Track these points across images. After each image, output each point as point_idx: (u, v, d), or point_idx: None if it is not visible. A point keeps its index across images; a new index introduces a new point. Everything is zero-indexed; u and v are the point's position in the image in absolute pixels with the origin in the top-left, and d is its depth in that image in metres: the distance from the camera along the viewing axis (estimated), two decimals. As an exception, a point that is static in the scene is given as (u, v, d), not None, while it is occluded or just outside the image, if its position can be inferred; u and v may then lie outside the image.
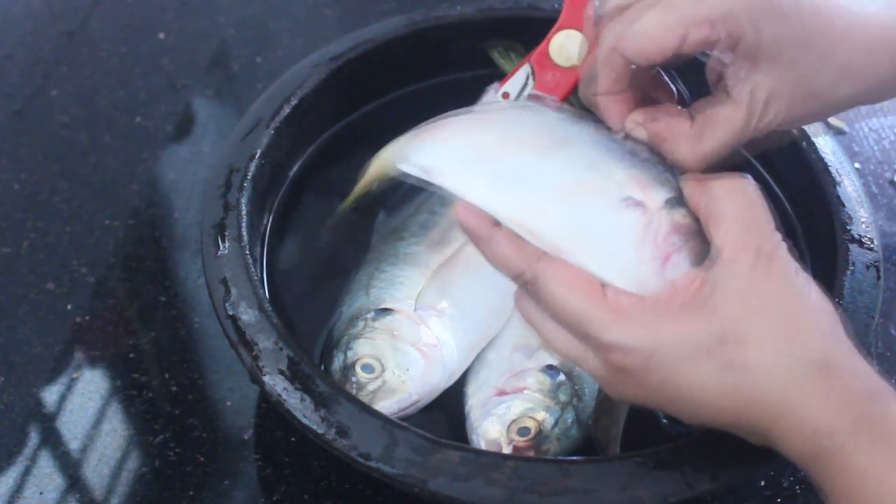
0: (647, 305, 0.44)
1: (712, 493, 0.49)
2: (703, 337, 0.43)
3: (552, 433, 0.57)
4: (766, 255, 0.43)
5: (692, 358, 0.43)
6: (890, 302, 0.71)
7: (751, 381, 0.42)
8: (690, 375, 0.43)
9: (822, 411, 0.41)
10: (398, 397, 0.58)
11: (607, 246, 0.46)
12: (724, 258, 0.43)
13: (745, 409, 0.43)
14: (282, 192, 0.70)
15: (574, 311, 0.45)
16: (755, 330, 0.42)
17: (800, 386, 0.42)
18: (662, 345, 0.43)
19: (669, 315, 0.43)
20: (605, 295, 0.45)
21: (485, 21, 0.74)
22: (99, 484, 0.61)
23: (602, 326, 0.44)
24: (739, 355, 0.42)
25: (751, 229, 0.44)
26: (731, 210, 0.44)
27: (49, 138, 0.82)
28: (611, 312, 0.44)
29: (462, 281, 0.64)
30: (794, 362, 0.42)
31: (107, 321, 0.69)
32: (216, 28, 0.93)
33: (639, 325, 0.44)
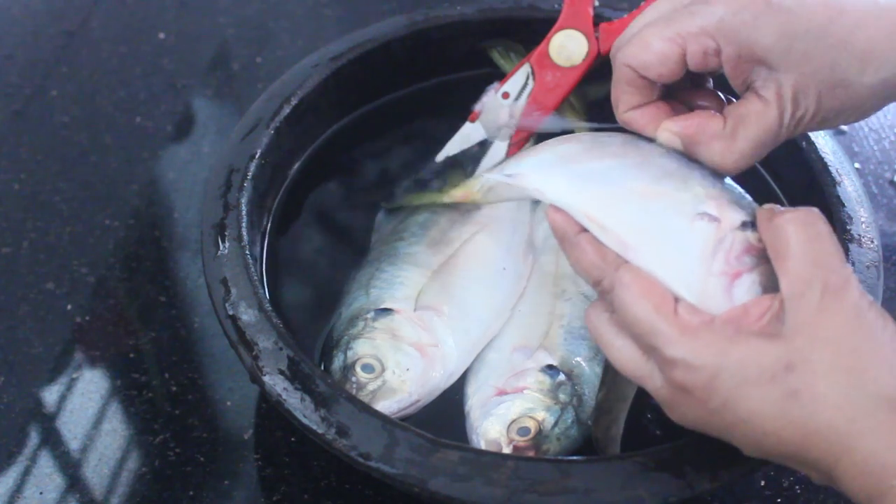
0: (716, 326, 0.44)
1: (712, 493, 0.49)
2: (769, 362, 0.42)
3: (552, 433, 0.57)
4: (835, 290, 0.42)
5: (757, 382, 0.42)
6: (890, 302, 0.71)
7: (816, 412, 0.41)
8: (754, 400, 0.42)
9: (890, 448, 0.40)
10: (398, 397, 0.58)
11: (677, 253, 0.46)
12: (793, 293, 0.43)
13: (808, 442, 0.42)
14: (282, 192, 0.70)
15: (644, 321, 0.45)
16: (824, 361, 0.41)
17: (868, 421, 0.41)
18: (727, 365, 0.43)
19: (737, 338, 0.43)
20: (676, 310, 0.45)
21: (485, 21, 0.74)
22: (99, 484, 0.61)
23: (668, 340, 0.44)
24: (806, 385, 0.41)
25: (817, 264, 0.43)
26: (796, 244, 0.44)
27: (49, 138, 0.82)
28: (679, 328, 0.44)
29: (462, 281, 0.64)
30: (863, 396, 0.41)
31: (107, 321, 0.69)
32: (216, 28, 0.93)
33: (705, 343, 0.43)
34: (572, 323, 0.61)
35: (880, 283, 0.58)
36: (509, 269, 0.65)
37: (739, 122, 0.48)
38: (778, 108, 0.47)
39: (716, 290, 0.45)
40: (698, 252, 0.46)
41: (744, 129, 0.48)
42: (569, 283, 0.64)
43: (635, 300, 0.45)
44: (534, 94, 0.65)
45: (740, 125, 0.48)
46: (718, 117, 0.49)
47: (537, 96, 0.65)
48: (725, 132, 0.49)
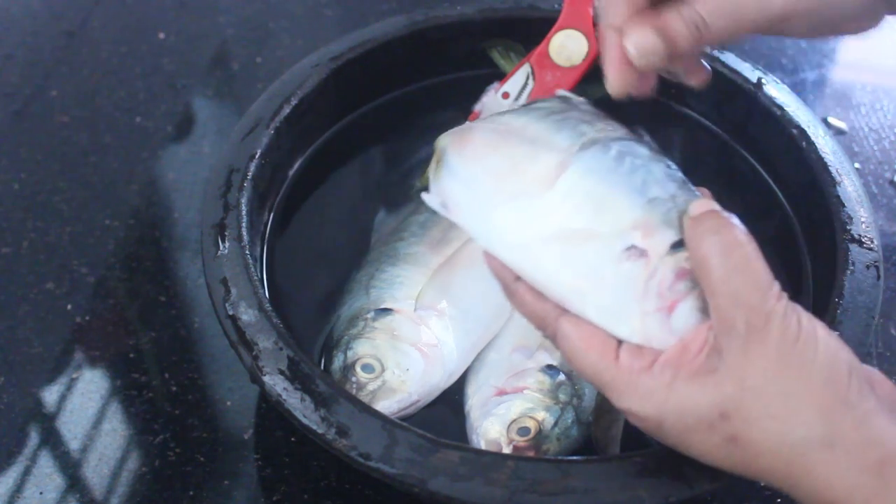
0: (655, 371, 0.44)
1: (712, 493, 0.49)
2: (705, 411, 0.43)
3: (552, 433, 0.57)
4: (757, 329, 0.42)
5: (697, 430, 0.43)
6: (890, 302, 0.71)
7: (756, 457, 0.43)
8: (697, 445, 0.44)
9: (829, 487, 0.41)
10: (398, 397, 0.58)
11: (612, 299, 0.46)
12: (721, 329, 0.43)
13: (758, 476, 0.44)
14: (282, 192, 0.70)
15: (589, 371, 0.46)
16: (754, 409, 0.42)
17: (804, 463, 0.41)
18: (668, 415, 0.44)
19: (676, 385, 0.44)
20: (617, 357, 0.45)
21: (485, 21, 0.74)
22: (99, 484, 0.61)
23: (613, 392, 0.45)
24: (741, 432, 0.42)
25: (738, 300, 0.42)
26: (717, 279, 0.43)
27: (49, 138, 0.82)
28: (621, 378, 0.45)
29: (462, 281, 0.64)
30: (796, 441, 0.41)
31: (107, 321, 0.69)
32: (216, 28, 0.93)
33: (647, 394, 0.44)
34: (572, 323, 0.61)
35: (880, 283, 0.58)
36: (509, 269, 0.65)
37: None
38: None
39: (655, 327, 0.45)
40: (632, 295, 0.46)
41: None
42: (569, 283, 0.64)
43: (577, 352, 0.46)
44: (534, 94, 0.65)
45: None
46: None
47: (537, 96, 0.65)
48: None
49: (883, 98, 0.89)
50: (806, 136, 0.66)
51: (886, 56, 0.95)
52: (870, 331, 0.56)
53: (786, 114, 0.68)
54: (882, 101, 0.88)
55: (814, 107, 0.87)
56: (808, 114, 0.68)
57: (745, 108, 0.70)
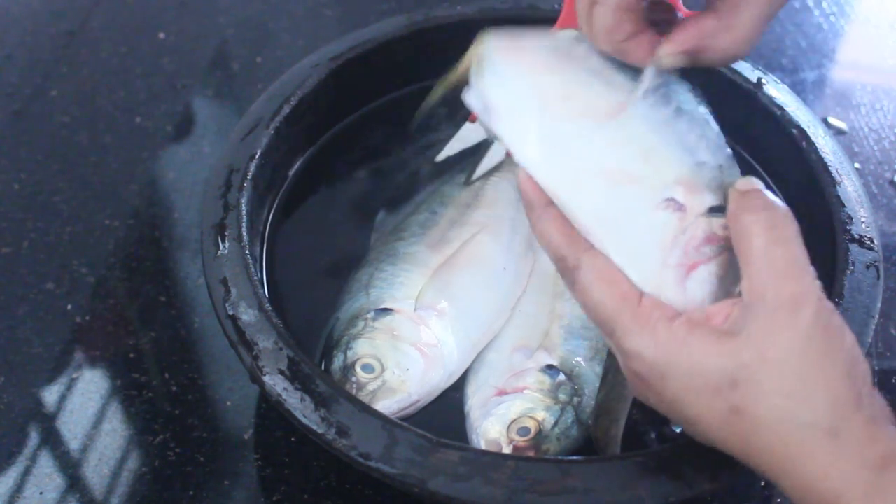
0: (675, 325, 0.44)
1: (712, 493, 0.49)
2: (716, 375, 0.42)
3: (552, 433, 0.57)
4: (791, 305, 0.41)
5: (702, 392, 0.43)
6: (890, 302, 0.71)
7: (756, 432, 0.42)
8: (698, 407, 0.43)
9: (826, 477, 0.40)
10: (398, 397, 0.58)
11: (638, 243, 0.46)
12: (750, 297, 0.42)
13: (750, 456, 0.43)
14: (282, 192, 0.70)
15: (605, 308, 0.45)
16: (767, 383, 0.41)
17: (804, 448, 0.41)
18: (677, 368, 0.43)
19: (692, 340, 0.43)
20: (640, 302, 0.45)
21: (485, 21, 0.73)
22: (99, 484, 0.61)
23: (626, 332, 0.44)
24: (748, 404, 0.42)
25: (777, 274, 0.42)
26: (756, 247, 0.43)
27: (49, 138, 0.82)
28: (638, 320, 0.44)
29: (462, 281, 0.64)
30: (801, 424, 0.41)
31: (107, 321, 0.69)
32: (216, 28, 0.93)
33: (660, 341, 0.43)
34: (572, 323, 0.62)
35: (880, 283, 0.58)
36: (509, 269, 0.65)
37: (734, 9, 0.46)
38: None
39: (670, 281, 0.45)
40: (658, 242, 0.46)
41: (741, 14, 0.46)
42: (569, 283, 0.64)
43: (600, 286, 0.45)
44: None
45: (735, 11, 0.46)
46: (707, 15, 0.47)
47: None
48: (722, 25, 0.46)
49: (883, 98, 0.89)
50: (806, 136, 0.66)
51: (886, 56, 0.95)
52: (870, 331, 0.56)
53: (786, 114, 0.68)
54: (882, 101, 0.88)
55: (814, 107, 0.87)
56: (808, 114, 0.68)
57: (745, 108, 0.70)
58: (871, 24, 0.98)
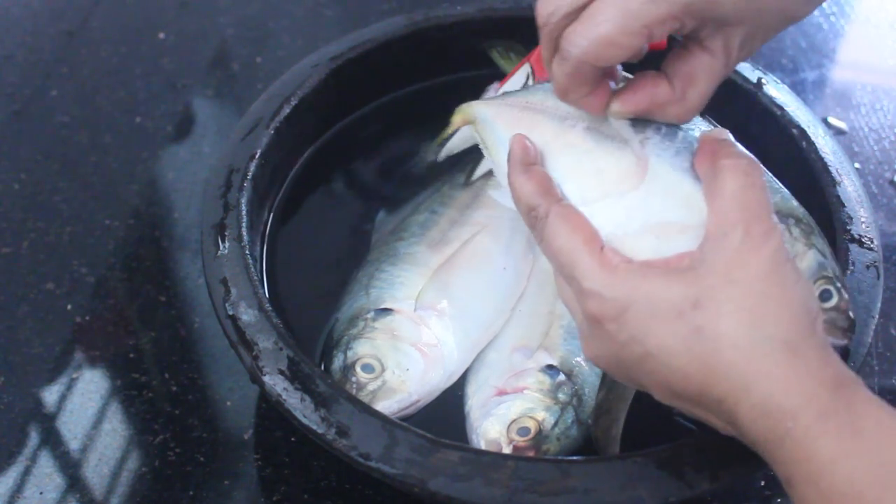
0: (634, 266, 0.45)
1: (712, 493, 0.49)
2: (677, 298, 0.43)
3: (552, 433, 0.57)
4: (757, 236, 0.43)
5: (663, 317, 0.43)
6: (890, 302, 0.71)
7: (718, 350, 0.42)
8: (660, 334, 0.43)
9: (787, 392, 0.41)
10: (398, 397, 0.58)
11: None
12: (716, 233, 0.44)
13: (711, 380, 0.43)
14: (282, 192, 0.70)
15: (567, 251, 0.46)
16: (730, 301, 0.42)
17: (767, 363, 0.42)
18: (638, 299, 0.44)
19: (652, 274, 0.44)
20: (601, 248, 0.46)
21: (485, 21, 0.74)
22: (99, 484, 0.61)
23: (586, 273, 0.45)
24: (710, 322, 0.42)
25: (744, 209, 0.44)
26: (730, 188, 0.45)
27: (49, 138, 0.82)
28: (599, 263, 0.45)
29: (462, 281, 0.64)
30: (763, 338, 0.42)
31: (107, 321, 0.69)
32: (216, 28, 0.93)
33: (620, 279, 0.45)
34: (572, 323, 0.61)
35: (880, 283, 0.58)
36: (509, 269, 0.65)
37: (689, 82, 0.48)
38: (725, 59, 0.47)
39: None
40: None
41: (694, 88, 0.48)
42: (569, 283, 0.64)
43: (564, 232, 0.47)
44: (534, 94, 0.65)
45: (690, 84, 0.48)
46: (663, 81, 0.49)
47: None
48: (676, 95, 0.48)
49: (883, 98, 0.89)
50: (806, 136, 0.66)
51: (886, 56, 0.95)
52: (870, 331, 0.56)
53: (786, 114, 0.68)
54: (882, 101, 0.88)
55: (814, 107, 0.87)
56: (808, 114, 0.68)
57: (745, 108, 0.70)
58: (871, 24, 0.98)
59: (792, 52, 0.93)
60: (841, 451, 0.40)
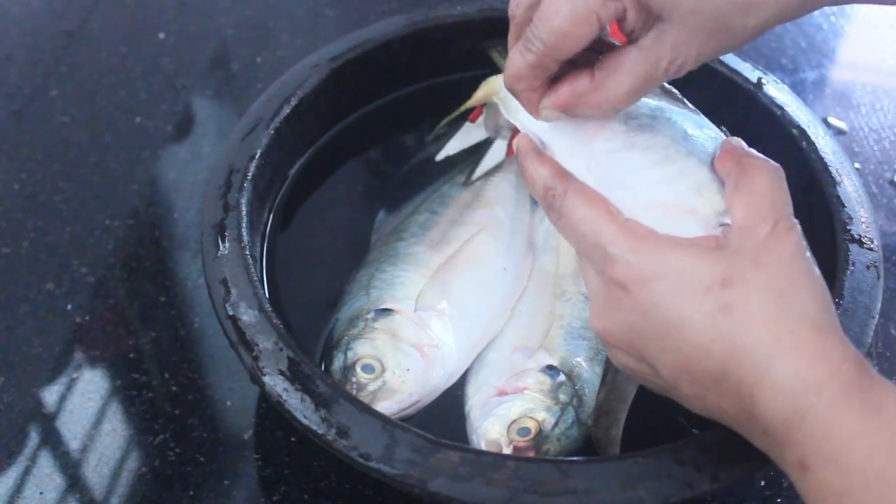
0: (662, 237, 0.46)
1: (712, 493, 0.49)
2: (707, 273, 0.44)
3: (552, 433, 0.57)
4: (784, 228, 0.45)
5: (692, 290, 0.44)
6: (890, 302, 0.71)
7: (745, 328, 0.43)
8: (686, 308, 0.44)
9: (813, 366, 0.41)
10: (398, 397, 0.58)
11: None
12: (744, 224, 0.45)
13: (734, 359, 0.43)
14: (282, 193, 0.70)
15: (589, 223, 0.47)
16: (759, 282, 0.43)
17: (792, 339, 0.42)
18: (666, 269, 0.44)
19: (681, 248, 0.45)
20: (625, 220, 0.47)
21: (485, 21, 0.74)
22: (99, 484, 0.61)
23: (612, 237, 0.46)
24: (739, 301, 0.43)
25: (774, 206, 0.46)
26: (760, 186, 0.46)
27: (49, 138, 0.82)
28: (624, 231, 0.46)
29: (462, 281, 0.64)
30: (791, 317, 0.43)
31: (107, 321, 0.69)
32: (216, 28, 0.93)
33: (649, 246, 0.45)
34: (572, 323, 0.62)
35: (880, 283, 0.58)
36: (509, 270, 0.65)
37: (610, 72, 0.48)
38: (654, 57, 0.47)
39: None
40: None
41: (614, 78, 0.48)
42: (569, 284, 0.64)
43: (585, 204, 0.48)
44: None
45: (611, 75, 0.48)
46: (584, 73, 0.49)
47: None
48: (594, 85, 0.49)
49: (883, 98, 0.89)
50: (806, 136, 0.66)
51: (886, 56, 0.95)
52: (870, 331, 0.56)
53: (786, 114, 0.68)
54: (882, 101, 0.88)
55: (814, 107, 0.87)
56: (808, 114, 0.68)
57: (745, 108, 0.70)
58: (871, 24, 0.98)
59: (792, 52, 0.93)
60: (862, 427, 0.40)
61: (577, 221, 0.48)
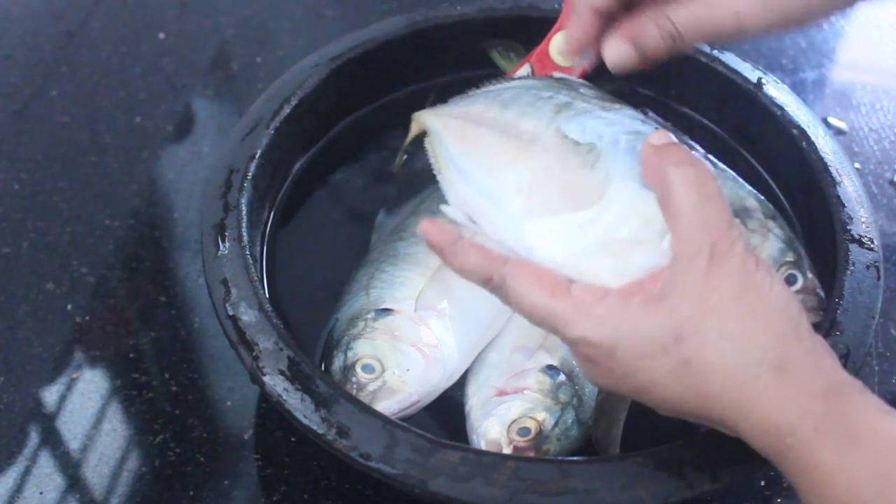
0: (610, 301, 0.45)
1: (712, 493, 0.49)
2: (660, 334, 0.43)
3: (552, 433, 0.57)
4: (722, 253, 0.43)
5: (650, 355, 0.43)
6: (890, 302, 0.71)
7: (708, 380, 0.43)
8: (649, 371, 0.44)
9: (781, 411, 0.42)
10: (398, 397, 0.58)
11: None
12: (681, 256, 0.44)
13: (708, 405, 0.43)
14: (282, 193, 0.70)
15: (541, 308, 0.46)
16: (711, 330, 0.43)
17: (756, 386, 0.42)
18: (622, 340, 0.44)
19: (630, 311, 0.44)
20: (570, 291, 0.46)
21: (485, 21, 0.74)
22: (99, 484, 0.61)
23: (567, 323, 0.45)
24: (696, 354, 0.43)
25: (706, 226, 0.43)
26: (686, 206, 0.44)
27: (49, 138, 0.82)
28: (575, 308, 0.45)
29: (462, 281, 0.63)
30: (749, 362, 0.42)
31: (107, 321, 0.69)
32: (216, 28, 0.93)
33: (601, 320, 0.44)
34: (572, 323, 0.61)
35: (880, 283, 0.58)
36: (509, 270, 0.65)
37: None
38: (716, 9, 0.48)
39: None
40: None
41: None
42: (569, 284, 0.64)
43: (529, 289, 0.46)
44: (534, 95, 0.65)
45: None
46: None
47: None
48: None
49: (883, 98, 0.89)
50: (806, 136, 0.66)
51: (886, 56, 0.95)
52: (870, 331, 0.56)
53: (786, 114, 0.68)
54: (882, 101, 0.88)
55: (814, 107, 0.87)
56: (808, 114, 0.68)
57: (745, 108, 0.70)
58: (871, 24, 0.98)
59: (792, 52, 0.93)
60: (841, 461, 0.40)
61: (529, 310, 0.47)
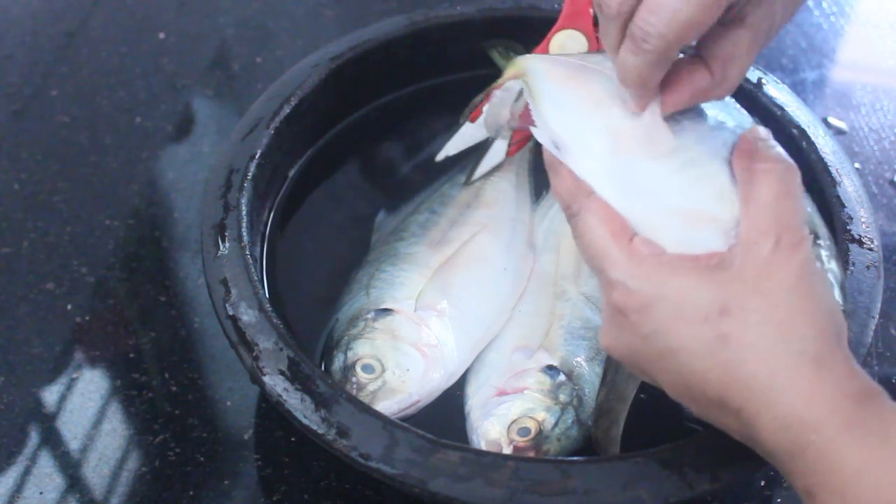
0: (663, 259, 0.45)
1: (712, 493, 0.49)
2: (705, 301, 0.43)
3: (552, 433, 0.57)
4: (787, 246, 0.43)
5: (689, 318, 0.43)
6: (890, 302, 0.71)
7: (743, 360, 0.42)
8: (684, 336, 0.43)
9: (811, 405, 0.41)
10: (398, 397, 0.58)
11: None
12: (747, 240, 0.43)
13: (732, 389, 0.42)
14: (282, 193, 0.70)
15: (596, 243, 0.46)
16: (758, 311, 0.42)
17: (791, 376, 0.41)
18: (664, 295, 0.43)
19: (680, 271, 0.44)
20: (630, 240, 0.46)
21: (485, 21, 0.74)
22: (99, 484, 0.61)
23: (613, 263, 0.45)
24: (737, 331, 0.42)
25: (779, 219, 0.43)
26: (764, 196, 0.44)
27: (49, 138, 0.82)
28: (627, 254, 0.45)
29: (462, 281, 0.64)
30: (789, 351, 0.41)
31: (107, 321, 0.69)
32: (216, 28, 0.93)
33: (647, 271, 0.44)
34: (573, 323, 0.62)
35: (880, 283, 0.58)
36: (509, 270, 0.65)
37: (728, 64, 0.47)
38: (762, 32, 0.46)
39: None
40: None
41: (734, 66, 0.47)
42: (569, 284, 0.64)
43: (595, 224, 0.47)
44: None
45: (729, 66, 0.47)
46: (700, 67, 0.47)
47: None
48: (717, 79, 0.47)
49: (883, 98, 0.89)
50: (806, 136, 0.66)
51: (886, 56, 0.95)
52: (869, 331, 0.56)
53: (786, 114, 0.68)
54: (882, 101, 0.88)
55: (814, 107, 0.87)
56: (808, 114, 0.68)
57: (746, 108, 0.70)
58: (871, 24, 0.98)
59: (792, 52, 0.93)
60: (868, 460, 0.39)
61: (587, 243, 0.47)
